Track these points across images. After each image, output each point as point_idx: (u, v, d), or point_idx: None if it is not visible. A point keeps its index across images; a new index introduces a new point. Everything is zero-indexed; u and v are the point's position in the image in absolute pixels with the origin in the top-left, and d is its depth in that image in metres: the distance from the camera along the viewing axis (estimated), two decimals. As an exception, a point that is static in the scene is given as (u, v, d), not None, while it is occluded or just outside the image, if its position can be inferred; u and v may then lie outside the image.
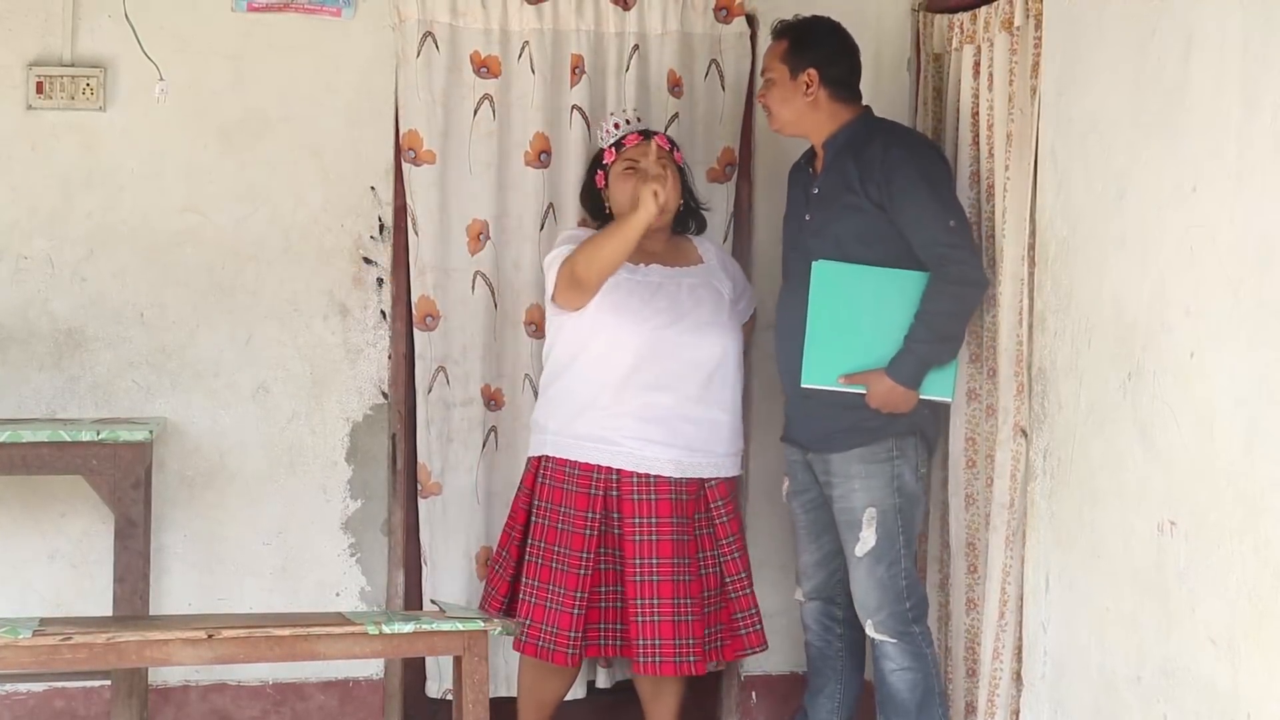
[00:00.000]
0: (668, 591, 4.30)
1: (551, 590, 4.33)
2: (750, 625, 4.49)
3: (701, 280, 4.50)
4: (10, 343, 4.68)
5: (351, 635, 3.76)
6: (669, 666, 4.31)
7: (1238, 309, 3.12)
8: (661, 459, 4.35)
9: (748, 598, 4.49)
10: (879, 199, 4.13)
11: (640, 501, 4.33)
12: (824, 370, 4.17)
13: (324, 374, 4.84)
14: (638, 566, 4.30)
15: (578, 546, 4.32)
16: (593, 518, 4.33)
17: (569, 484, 4.37)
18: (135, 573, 4.33)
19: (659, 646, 4.29)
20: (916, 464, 4.22)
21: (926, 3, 4.63)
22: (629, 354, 4.34)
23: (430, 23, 4.80)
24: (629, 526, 4.32)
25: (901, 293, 4.13)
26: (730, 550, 4.47)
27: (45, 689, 4.70)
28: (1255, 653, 3.07)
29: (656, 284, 4.43)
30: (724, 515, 4.46)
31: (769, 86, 4.32)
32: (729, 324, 4.47)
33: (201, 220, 4.76)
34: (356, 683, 4.87)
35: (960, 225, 4.11)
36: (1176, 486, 3.33)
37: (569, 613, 4.29)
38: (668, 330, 4.37)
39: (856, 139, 4.23)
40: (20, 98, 4.65)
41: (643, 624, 4.29)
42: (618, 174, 4.50)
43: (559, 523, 4.36)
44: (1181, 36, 3.33)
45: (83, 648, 3.61)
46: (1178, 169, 3.33)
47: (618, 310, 4.36)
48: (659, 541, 4.31)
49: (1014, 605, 4.02)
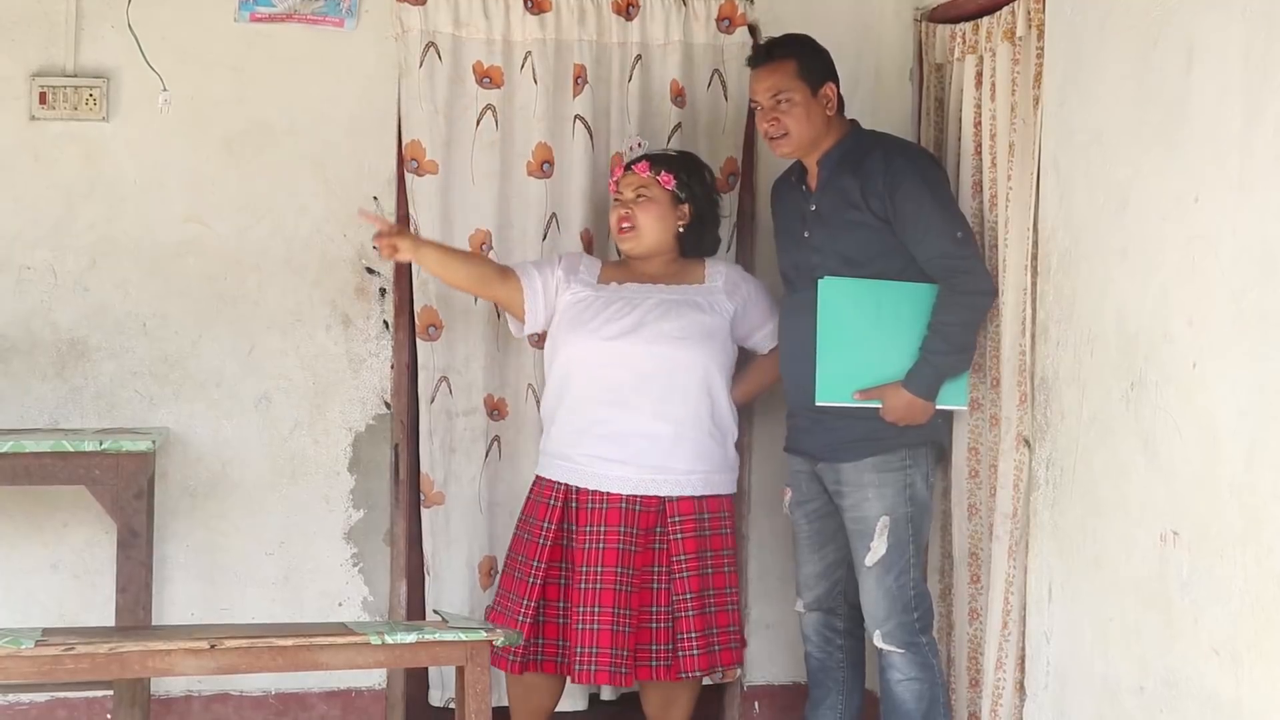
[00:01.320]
0: (609, 600, 4.30)
1: (510, 598, 4.39)
2: (725, 642, 4.42)
3: (682, 297, 4.45)
4: (13, 353, 4.68)
5: (354, 645, 3.76)
6: (604, 675, 4.30)
7: (1240, 319, 3.12)
8: (613, 476, 4.35)
9: (725, 614, 4.42)
10: (882, 212, 4.12)
11: (593, 511, 4.35)
12: (838, 387, 4.16)
13: (326, 384, 4.84)
14: (583, 574, 4.32)
15: (531, 555, 4.37)
16: (548, 528, 4.37)
17: (536, 496, 4.45)
18: (138, 583, 4.33)
19: (596, 655, 4.29)
20: (928, 472, 4.22)
21: (928, 13, 4.64)
22: (581, 367, 4.38)
23: (433, 33, 4.81)
24: (580, 536, 4.35)
25: (909, 305, 4.13)
26: (681, 569, 4.37)
27: (48, 699, 4.70)
28: (1258, 663, 3.07)
29: (615, 298, 4.43)
30: (679, 533, 4.36)
31: (789, 108, 4.23)
32: (698, 339, 4.38)
33: (204, 230, 4.77)
34: (359, 693, 4.87)
35: (966, 236, 4.12)
36: (1179, 497, 3.33)
37: (514, 619, 4.34)
38: (618, 342, 4.36)
39: (853, 153, 4.23)
40: (23, 108, 4.66)
41: (582, 632, 4.30)
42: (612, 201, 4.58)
43: (523, 532, 4.45)
44: (1183, 47, 3.33)
45: (85, 658, 3.61)
46: (1180, 179, 3.33)
47: (573, 326, 4.41)
48: (604, 550, 4.32)
49: (1017, 615, 4.02)
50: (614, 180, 4.58)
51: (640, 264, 4.52)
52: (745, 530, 5.02)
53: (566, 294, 4.46)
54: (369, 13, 4.82)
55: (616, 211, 4.52)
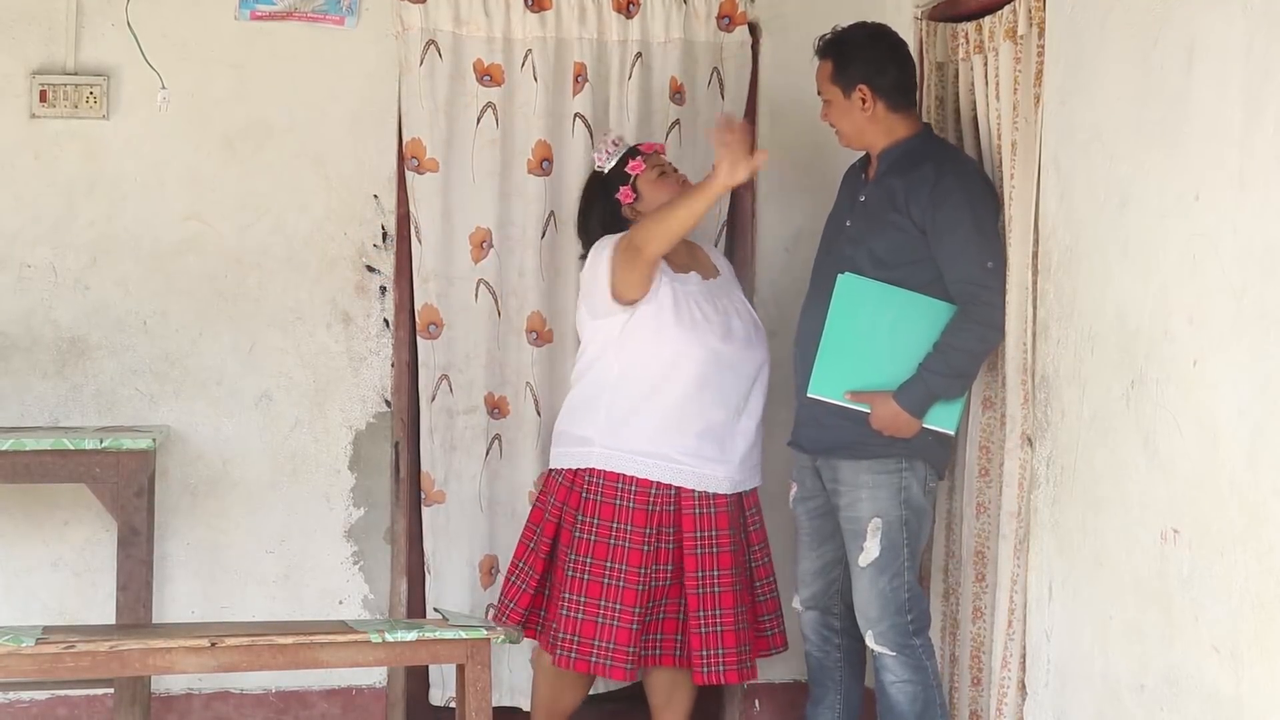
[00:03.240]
0: (729, 602, 4.33)
1: (604, 606, 4.28)
2: (774, 627, 4.54)
3: (727, 289, 4.51)
4: (13, 351, 4.68)
5: (355, 643, 3.76)
6: (733, 674, 4.35)
7: (1240, 318, 3.12)
8: (719, 476, 4.36)
9: (773, 601, 4.54)
10: (921, 222, 4.10)
11: (701, 515, 4.33)
12: (832, 383, 4.17)
13: (327, 382, 4.84)
14: (700, 579, 4.31)
15: (635, 562, 4.28)
16: (650, 533, 4.30)
17: (622, 499, 4.30)
18: (138, 581, 4.34)
19: (723, 655, 4.31)
20: (925, 478, 4.21)
21: (930, 12, 4.63)
22: (694, 367, 4.31)
23: (433, 31, 4.81)
24: (690, 540, 4.32)
25: (923, 319, 4.10)
26: (760, 556, 4.52)
27: (48, 697, 4.71)
28: (1259, 660, 3.07)
29: (704, 294, 4.42)
30: (755, 523, 4.51)
31: (828, 108, 4.29)
32: (760, 337, 4.48)
33: (204, 229, 4.77)
34: (359, 691, 4.87)
35: (997, 268, 4.07)
36: (1179, 495, 3.33)
37: (628, 628, 4.26)
38: (722, 345, 4.36)
39: (911, 156, 4.20)
40: (24, 106, 4.66)
41: (706, 635, 4.31)
42: (650, 181, 4.48)
43: (610, 538, 4.29)
44: (1184, 45, 3.33)
45: (86, 656, 3.61)
46: (1180, 178, 3.33)
47: (680, 323, 4.32)
48: (720, 554, 4.33)
49: (1021, 614, 4.01)
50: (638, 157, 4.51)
51: (682, 255, 4.46)
52: (754, 525, 5.03)
53: (664, 281, 4.35)
54: (369, 10, 4.82)
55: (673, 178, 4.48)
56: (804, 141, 4.85)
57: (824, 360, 4.17)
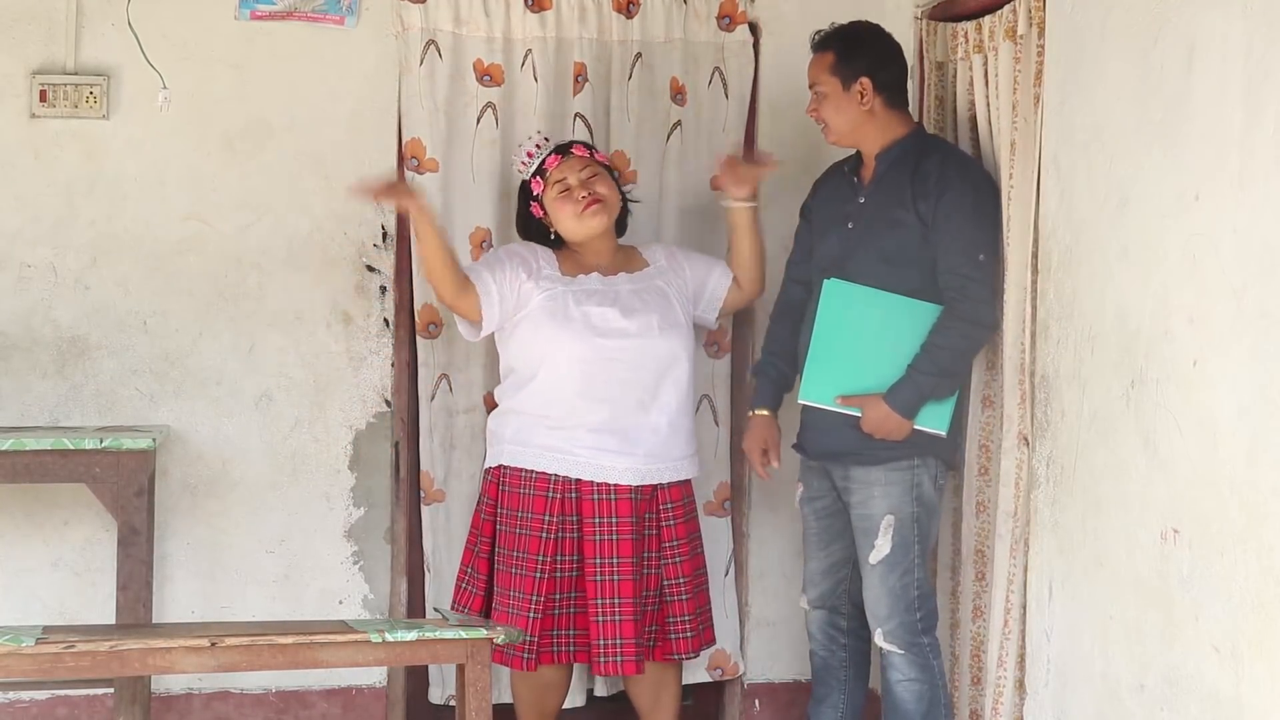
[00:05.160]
0: (629, 591, 4.31)
1: (512, 595, 4.35)
2: (682, 631, 4.45)
3: (643, 284, 4.48)
4: (13, 351, 4.68)
5: (354, 643, 3.76)
6: (630, 665, 4.32)
7: (1240, 318, 3.12)
8: (619, 468, 4.35)
9: (684, 603, 4.44)
10: (927, 215, 4.10)
11: (600, 502, 4.34)
12: (822, 388, 4.17)
13: (327, 382, 4.84)
14: (598, 567, 4.32)
15: (534, 550, 4.33)
16: (550, 521, 4.33)
17: (525, 489, 4.37)
18: (138, 580, 4.34)
19: (621, 646, 4.30)
20: (936, 475, 4.20)
21: (930, 11, 4.63)
22: (575, 365, 4.34)
23: (433, 31, 4.81)
24: (589, 528, 4.34)
25: (910, 321, 4.10)
26: (673, 554, 4.44)
27: (48, 697, 4.71)
28: (1259, 660, 3.07)
29: (591, 290, 4.42)
30: (671, 519, 4.43)
31: (819, 100, 4.26)
32: (677, 324, 4.45)
33: (204, 228, 4.77)
34: (359, 690, 4.87)
35: (988, 262, 4.07)
36: (1179, 494, 3.33)
37: (525, 616, 4.31)
38: (609, 339, 4.36)
39: (913, 153, 4.19)
40: (24, 106, 4.66)
41: (604, 624, 4.31)
42: (552, 200, 4.47)
43: (517, 528, 4.37)
44: (1184, 45, 3.33)
45: (86, 656, 3.61)
46: (1180, 177, 3.33)
47: (556, 321, 4.36)
48: (619, 542, 4.32)
49: (1017, 613, 4.02)
50: (539, 175, 4.48)
51: (593, 255, 4.48)
52: (746, 528, 5.02)
53: (537, 293, 4.39)
54: (369, 10, 4.82)
55: (572, 195, 4.43)
56: (804, 141, 4.84)
57: (812, 366, 4.18)
